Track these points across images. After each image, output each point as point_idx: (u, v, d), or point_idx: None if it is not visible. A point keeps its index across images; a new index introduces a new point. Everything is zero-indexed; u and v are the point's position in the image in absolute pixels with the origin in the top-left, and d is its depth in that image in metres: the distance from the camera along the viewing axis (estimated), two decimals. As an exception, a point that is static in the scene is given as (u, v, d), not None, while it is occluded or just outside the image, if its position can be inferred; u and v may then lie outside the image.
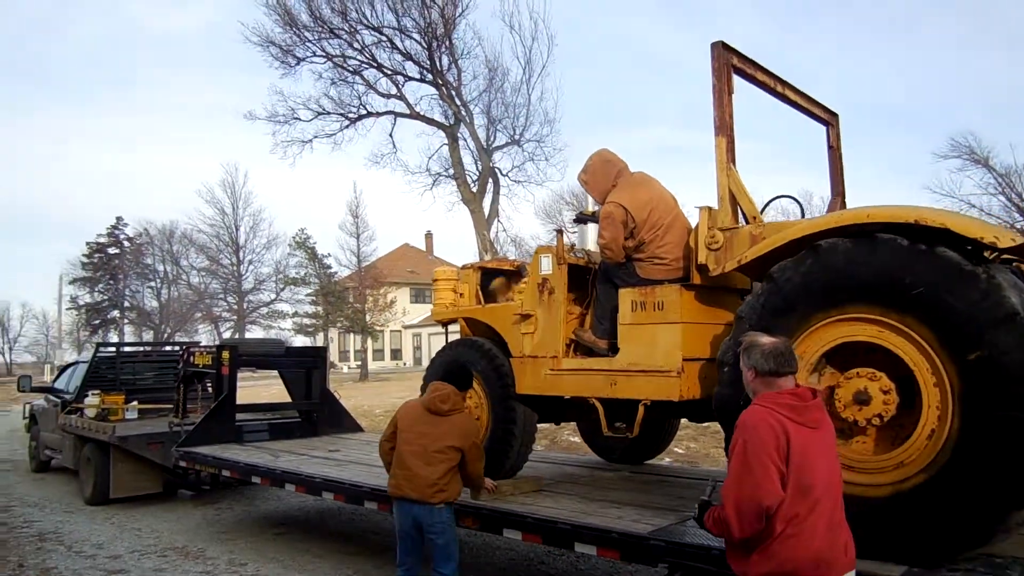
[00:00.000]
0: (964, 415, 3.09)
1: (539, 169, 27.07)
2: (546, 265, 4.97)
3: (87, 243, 50.32)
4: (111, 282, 50.02)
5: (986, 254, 3.28)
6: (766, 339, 2.81)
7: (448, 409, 4.46)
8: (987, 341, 2.99)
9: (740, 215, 4.11)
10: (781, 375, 2.73)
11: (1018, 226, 33.69)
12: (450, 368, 4.73)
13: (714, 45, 4.08)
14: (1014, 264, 3.66)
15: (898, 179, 71.39)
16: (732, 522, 2.59)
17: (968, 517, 3.08)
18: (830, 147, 5.20)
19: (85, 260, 49.95)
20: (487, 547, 7.02)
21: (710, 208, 4.13)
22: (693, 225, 4.37)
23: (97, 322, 49.77)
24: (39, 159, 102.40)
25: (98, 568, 6.56)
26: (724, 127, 4.04)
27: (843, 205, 5.15)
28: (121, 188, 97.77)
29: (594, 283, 4.96)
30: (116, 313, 50.46)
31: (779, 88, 4.64)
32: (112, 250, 50.59)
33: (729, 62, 4.12)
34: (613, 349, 4.61)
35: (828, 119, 5.16)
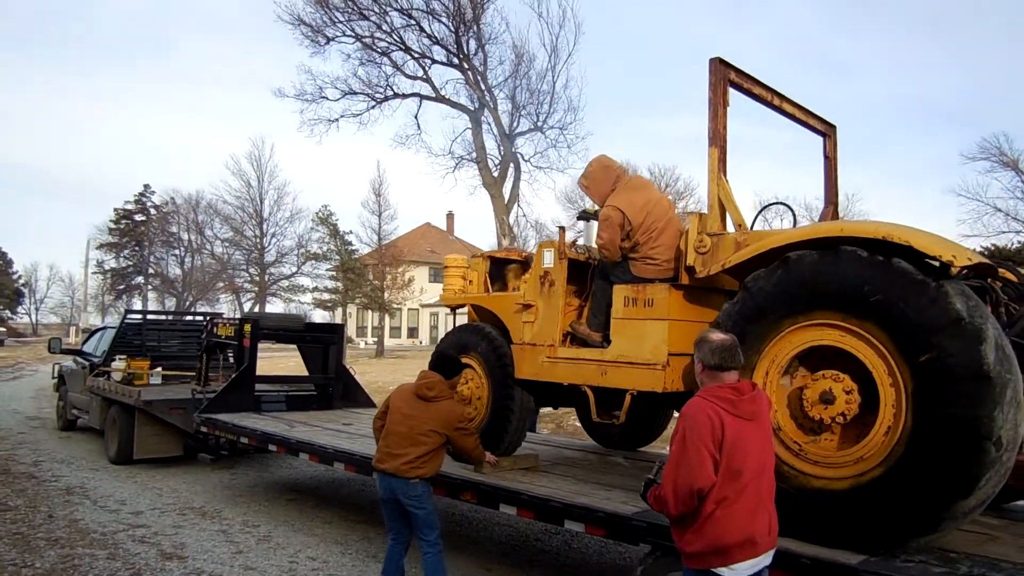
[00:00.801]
0: (916, 413, 3.36)
1: (561, 156, 27.32)
2: (548, 259, 5.29)
3: (115, 209, 51.39)
4: (136, 248, 51.02)
5: (952, 271, 3.54)
6: (716, 335, 3.09)
7: (433, 396, 4.80)
8: (935, 344, 3.27)
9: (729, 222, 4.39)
10: (725, 369, 3.02)
11: (1043, 230, 33.46)
12: (439, 359, 5.08)
13: (712, 61, 4.34)
14: (989, 281, 3.91)
15: (930, 179, 70.58)
16: (669, 500, 2.91)
17: (919, 507, 3.35)
18: (826, 157, 5.44)
19: (112, 226, 50.97)
20: (487, 523, 7.40)
21: (701, 214, 4.41)
22: (685, 228, 4.65)
23: (122, 287, 50.84)
24: (72, 123, 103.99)
25: (121, 522, 7.02)
26: (717, 138, 4.31)
27: (835, 214, 5.39)
28: (149, 156, 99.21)
29: (593, 278, 5.27)
30: (140, 279, 51.48)
31: (776, 101, 4.89)
32: (139, 217, 51.56)
33: (726, 77, 4.39)
34: (606, 341, 4.93)
35: (825, 130, 5.40)
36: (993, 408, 3.17)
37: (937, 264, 3.41)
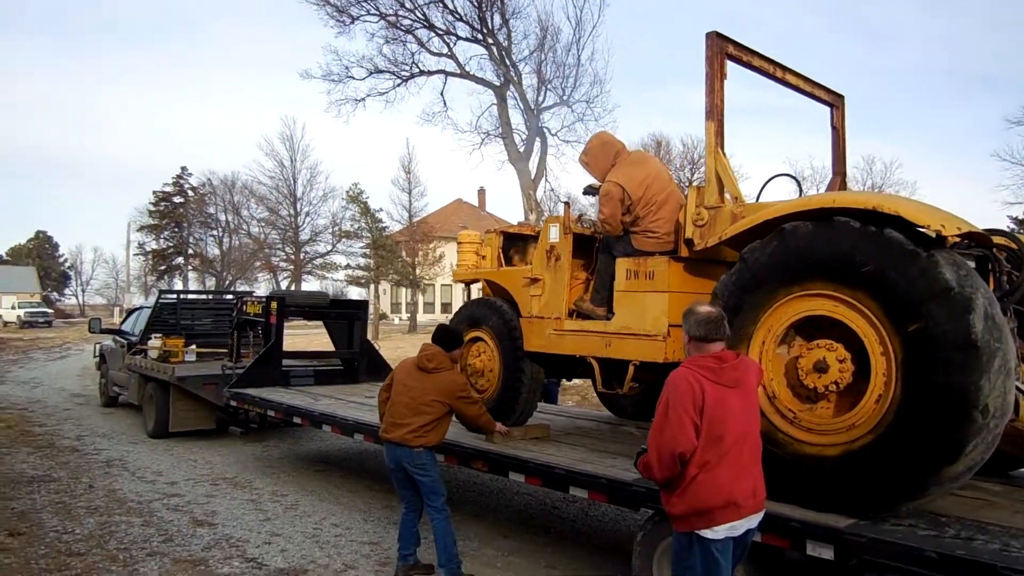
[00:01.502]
0: (906, 381, 3.41)
1: (588, 130, 27.10)
2: (554, 234, 5.38)
3: (154, 192, 52.39)
4: (176, 230, 52.08)
5: (949, 240, 3.55)
6: (703, 308, 3.18)
7: (433, 367, 4.95)
8: (925, 313, 3.31)
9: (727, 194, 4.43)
10: (710, 340, 3.11)
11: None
12: (440, 332, 5.22)
13: (709, 35, 4.36)
14: (993, 250, 3.91)
15: (974, 143, 68.54)
16: (654, 465, 3.03)
17: (907, 473, 3.42)
18: (833, 128, 5.41)
19: (152, 208, 52.05)
20: (506, 491, 7.59)
21: (699, 187, 4.46)
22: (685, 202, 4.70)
23: (163, 268, 52.02)
24: (112, 109, 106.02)
25: (157, 492, 7.36)
26: (715, 112, 4.34)
27: (843, 184, 5.38)
28: (185, 139, 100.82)
29: (598, 252, 5.35)
30: (180, 260, 52.60)
31: (779, 73, 4.88)
32: (177, 199, 52.55)
33: (723, 50, 4.40)
34: (610, 314, 5.02)
35: (832, 101, 5.36)
36: (980, 376, 3.20)
37: (933, 235, 3.42)
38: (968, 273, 3.36)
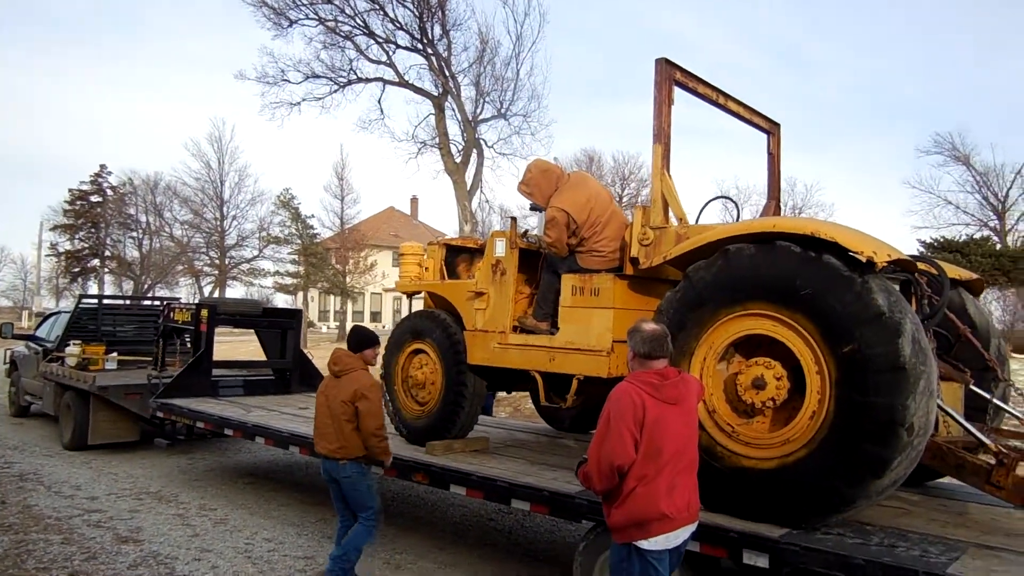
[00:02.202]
0: (838, 399, 3.59)
1: (524, 143, 27.36)
2: (500, 248, 5.44)
3: (69, 190, 49.88)
4: (92, 230, 49.72)
5: (878, 266, 3.76)
6: (648, 326, 3.28)
7: (339, 370, 4.97)
8: (857, 336, 3.50)
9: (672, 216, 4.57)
10: (653, 358, 3.21)
11: (991, 224, 34.66)
12: (349, 333, 5.23)
13: (658, 61, 4.51)
14: (915, 276, 4.15)
15: (889, 168, 72.35)
16: (593, 476, 3.12)
17: (838, 486, 3.59)
18: (769, 154, 5.66)
19: (67, 207, 49.58)
20: (442, 503, 7.57)
21: (644, 207, 4.59)
22: (629, 220, 4.83)
23: (77, 270, 49.56)
24: (25, 100, 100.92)
25: (76, 507, 7.03)
26: (662, 135, 4.49)
27: (777, 209, 5.63)
28: (107, 136, 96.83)
29: (542, 267, 5.43)
30: (96, 262, 50.27)
31: (721, 100, 5.08)
32: (95, 198, 50.20)
33: (672, 76, 4.56)
34: (554, 328, 5.10)
35: (769, 128, 5.61)
36: (907, 397, 3.40)
37: (864, 260, 3.62)
38: (897, 299, 3.57)
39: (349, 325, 39.65)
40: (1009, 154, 66.41)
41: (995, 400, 4.74)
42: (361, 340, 5.15)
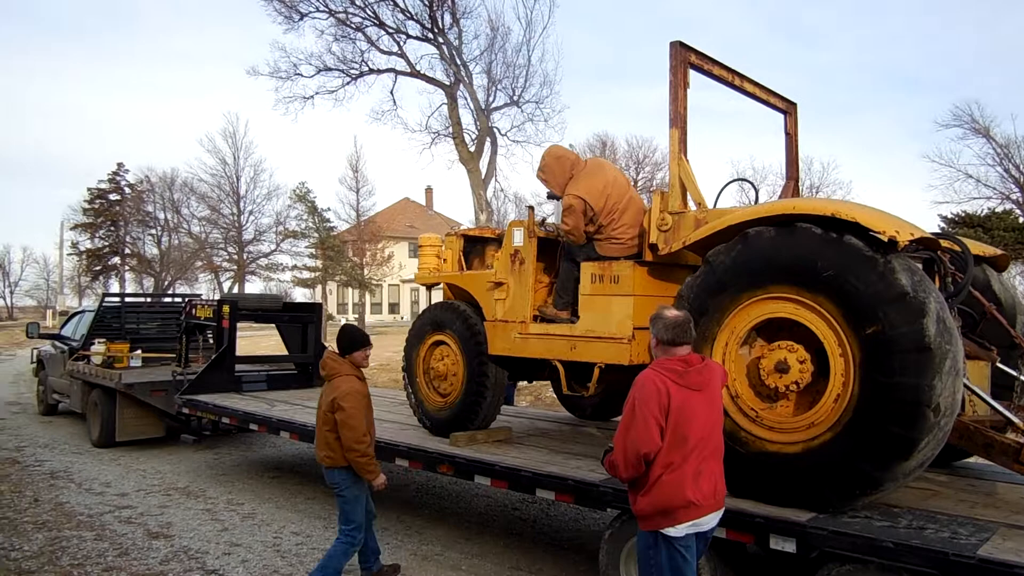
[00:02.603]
0: (863, 381, 3.56)
1: (538, 130, 27.27)
2: (518, 238, 5.43)
3: (88, 189, 50.46)
4: (112, 228, 50.28)
5: (900, 245, 3.71)
6: (670, 312, 3.27)
7: (326, 374, 4.74)
8: (881, 317, 3.46)
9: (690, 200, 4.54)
10: (677, 344, 3.20)
11: (1013, 196, 34.11)
12: (338, 333, 4.92)
13: (672, 44, 4.46)
14: (938, 253, 4.10)
15: (904, 145, 71.37)
16: (619, 464, 3.12)
17: (864, 469, 3.57)
18: (787, 134, 5.59)
19: (86, 206, 50.13)
20: (467, 494, 7.62)
21: (663, 192, 4.56)
22: (646, 205, 4.80)
23: (98, 268, 50.18)
24: (44, 102, 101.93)
25: (107, 504, 7.14)
26: (678, 120, 4.45)
27: (796, 189, 5.57)
28: (123, 135, 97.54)
29: (561, 256, 5.41)
30: (117, 260, 50.84)
31: (736, 81, 5.02)
32: (113, 196, 50.72)
33: (686, 60, 4.51)
34: (575, 317, 5.09)
35: (786, 108, 5.55)
36: (933, 377, 3.37)
37: (887, 240, 3.58)
38: (921, 278, 3.53)
39: (368, 318, 39.93)
40: (1031, 125, 65.24)
41: (1022, 377, 4.68)
42: (350, 342, 4.80)
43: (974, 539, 3.33)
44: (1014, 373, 4.64)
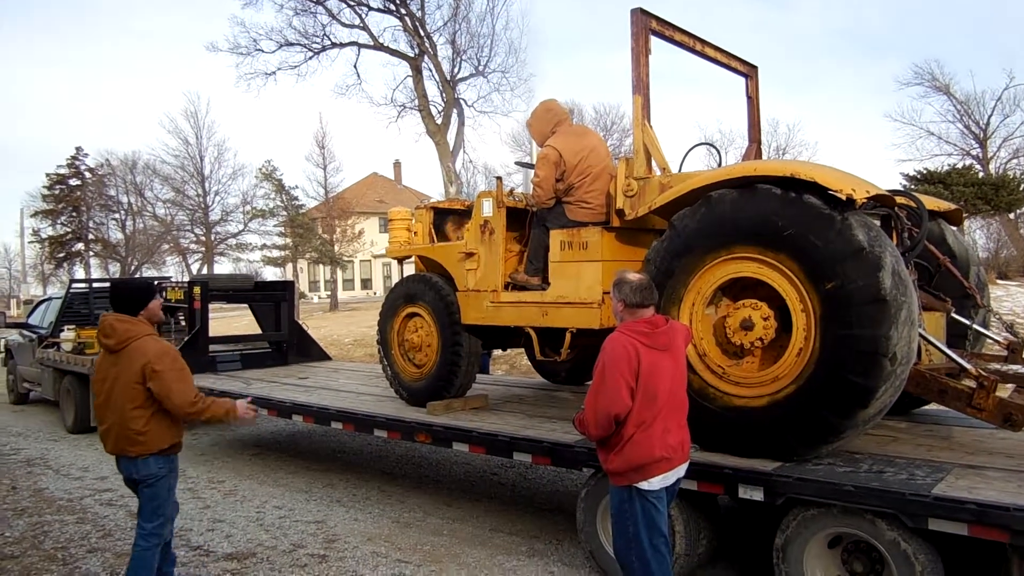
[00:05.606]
0: (823, 335, 3.70)
1: (505, 100, 27.21)
2: (487, 208, 5.48)
3: (47, 174, 49.23)
4: (74, 214, 49.18)
5: (858, 202, 3.83)
6: (632, 275, 3.38)
7: (115, 343, 3.74)
8: (840, 272, 3.60)
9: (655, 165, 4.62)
10: (645, 306, 3.32)
11: (973, 152, 34.78)
12: (113, 294, 4.07)
13: (633, 11, 4.51)
14: (895, 209, 4.24)
15: (870, 103, 72.10)
16: (590, 424, 3.24)
17: (826, 418, 3.73)
18: (748, 97, 5.68)
19: (46, 192, 48.95)
20: (446, 461, 7.74)
21: (627, 159, 4.64)
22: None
23: (61, 255, 49.17)
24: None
25: (87, 488, 7.14)
26: (640, 86, 4.52)
27: (759, 152, 5.68)
28: (81, 119, 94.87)
29: (531, 224, 5.49)
30: (80, 246, 49.86)
31: (698, 47, 5.09)
32: (73, 181, 49.53)
33: (647, 26, 4.57)
34: (545, 283, 5.19)
35: (747, 71, 5.63)
36: (889, 328, 3.52)
37: (844, 198, 3.70)
38: (877, 234, 3.66)
39: (341, 294, 39.76)
40: (988, 81, 66.35)
41: (975, 326, 4.88)
42: (133, 295, 3.92)
43: (930, 479, 3.51)
44: (967, 322, 4.83)
